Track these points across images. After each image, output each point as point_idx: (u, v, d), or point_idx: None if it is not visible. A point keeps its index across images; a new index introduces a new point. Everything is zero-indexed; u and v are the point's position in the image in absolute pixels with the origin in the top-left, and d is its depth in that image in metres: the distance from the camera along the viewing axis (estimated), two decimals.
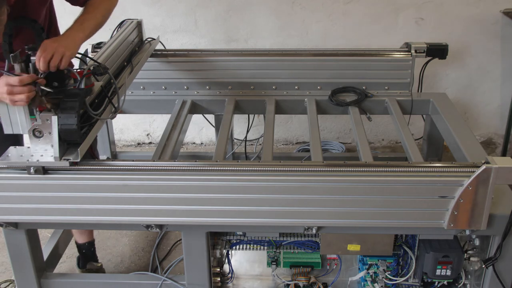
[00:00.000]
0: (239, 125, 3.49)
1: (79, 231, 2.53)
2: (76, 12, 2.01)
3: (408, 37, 2.98)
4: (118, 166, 1.77)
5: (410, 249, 2.03)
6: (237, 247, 2.14)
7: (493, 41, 3.38)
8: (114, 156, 2.93)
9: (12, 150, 1.74)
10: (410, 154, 2.10)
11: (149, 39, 2.62)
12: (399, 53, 2.61)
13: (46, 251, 2.23)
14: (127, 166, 1.77)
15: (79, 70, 1.80)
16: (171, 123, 2.37)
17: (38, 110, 1.67)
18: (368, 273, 2.10)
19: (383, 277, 2.09)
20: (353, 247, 1.97)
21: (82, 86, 1.76)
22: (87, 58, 1.90)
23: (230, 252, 2.19)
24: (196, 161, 1.78)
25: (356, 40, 3.36)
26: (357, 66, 2.61)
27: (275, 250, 2.13)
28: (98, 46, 2.53)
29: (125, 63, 2.28)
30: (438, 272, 1.94)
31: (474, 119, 3.64)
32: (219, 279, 2.13)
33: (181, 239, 1.97)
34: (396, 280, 2.09)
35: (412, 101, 2.57)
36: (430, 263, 1.93)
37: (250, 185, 1.73)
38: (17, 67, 1.64)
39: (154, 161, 1.84)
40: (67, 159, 1.66)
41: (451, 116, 2.37)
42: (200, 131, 3.81)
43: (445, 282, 2.06)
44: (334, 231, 1.92)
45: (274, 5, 3.34)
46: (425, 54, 2.59)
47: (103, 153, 2.86)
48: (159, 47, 2.71)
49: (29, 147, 1.70)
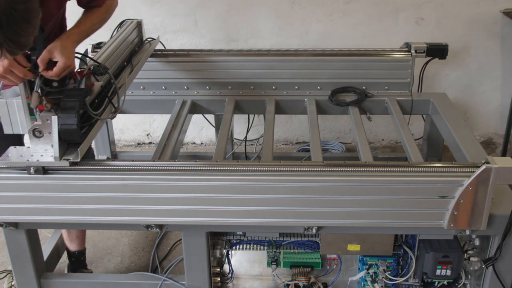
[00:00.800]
0: (239, 125, 3.49)
1: (69, 238, 2.46)
2: (78, 13, 2.02)
3: (408, 37, 2.97)
4: (118, 166, 1.77)
5: (410, 249, 2.03)
6: (237, 247, 2.14)
7: (493, 41, 3.37)
8: (114, 156, 2.93)
9: (12, 150, 1.73)
10: (410, 154, 2.10)
11: (149, 39, 2.62)
12: (399, 53, 2.61)
13: (46, 251, 2.24)
14: (127, 166, 1.77)
15: (79, 70, 1.80)
16: (171, 123, 2.37)
17: (38, 110, 1.67)
18: (368, 273, 2.10)
19: (383, 277, 2.09)
20: (353, 247, 1.97)
21: (82, 86, 1.76)
22: (87, 58, 1.90)
23: (230, 252, 2.19)
24: (196, 161, 1.78)
25: (356, 40, 3.36)
26: (357, 66, 2.61)
27: (275, 250, 2.13)
28: (98, 46, 2.53)
29: (125, 63, 2.28)
30: (438, 272, 1.94)
31: (474, 119, 3.64)
32: (219, 279, 2.13)
33: (181, 239, 1.97)
34: (396, 280, 2.09)
35: (412, 101, 2.57)
36: (430, 263, 1.93)
37: (250, 185, 1.73)
38: None
39: (154, 161, 1.84)
40: (67, 159, 1.66)
41: (451, 116, 2.37)
42: (200, 131, 3.81)
43: (445, 282, 2.06)
44: (334, 231, 1.92)
45: (274, 5, 3.34)
46: (425, 54, 2.59)
47: (103, 153, 2.86)
48: (159, 47, 2.71)
49: (29, 147, 1.70)
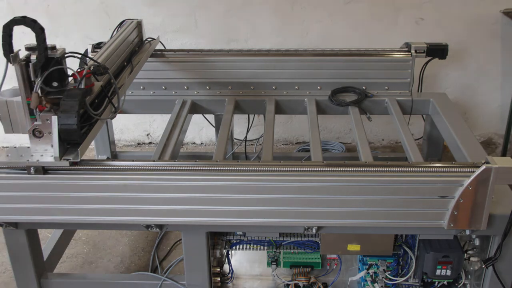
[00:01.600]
0: (239, 125, 3.49)
1: None
2: (77, 13, 2.02)
3: (408, 37, 2.97)
4: (118, 166, 1.77)
5: (410, 249, 2.03)
6: (237, 247, 2.14)
7: (493, 41, 3.37)
8: (114, 156, 2.93)
9: (12, 150, 1.73)
10: (410, 154, 2.10)
11: (149, 39, 2.62)
12: (399, 53, 2.62)
13: (46, 251, 2.23)
14: (127, 166, 1.77)
15: (79, 70, 1.80)
16: (171, 123, 2.37)
17: (38, 110, 1.67)
18: (368, 273, 2.10)
19: (383, 277, 2.09)
20: (353, 247, 1.97)
21: (82, 86, 1.76)
22: (87, 58, 1.90)
23: (230, 252, 2.19)
24: (196, 161, 1.78)
25: (356, 40, 3.36)
26: (357, 66, 2.61)
27: (275, 250, 2.13)
28: (98, 46, 2.53)
29: (125, 63, 2.28)
30: (438, 272, 1.94)
31: (474, 119, 3.64)
32: (219, 279, 2.13)
33: (181, 239, 1.97)
34: (396, 280, 2.09)
35: (412, 101, 2.57)
36: (430, 263, 1.93)
37: (250, 185, 1.73)
38: (17, 67, 1.64)
39: (154, 161, 1.84)
40: (67, 159, 1.66)
41: (451, 116, 2.37)
42: (200, 131, 3.81)
43: (445, 282, 2.06)
44: (334, 231, 1.92)
45: (274, 5, 3.33)
46: (425, 54, 2.59)
47: (103, 153, 2.86)
48: (159, 47, 2.71)
49: (29, 147, 1.70)
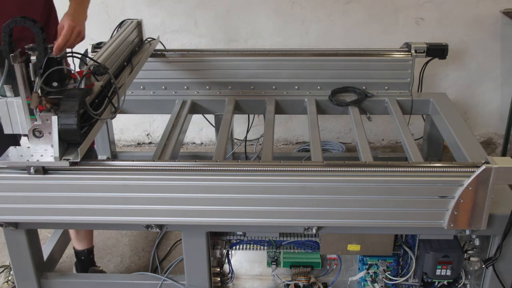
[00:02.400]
0: (239, 125, 3.49)
1: (77, 237, 2.47)
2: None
3: (408, 37, 2.98)
4: (118, 166, 1.77)
5: (410, 249, 2.03)
6: (237, 247, 2.14)
7: (493, 41, 3.38)
8: (114, 156, 2.93)
9: (12, 150, 1.73)
10: (410, 154, 2.10)
11: (149, 39, 2.62)
12: (399, 53, 2.61)
13: (46, 251, 2.23)
14: (127, 166, 1.77)
15: (79, 70, 1.80)
16: (171, 123, 2.37)
17: (38, 110, 1.67)
18: (368, 273, 2.10)
19: (383, 277, 2.09)
20: (353, 247, 1.97)
21: (82, 86, 1.76)
22: (87, 58, 1.90)
23: (230, 252, 2.19)
24: (196, 161, 1.78)
25: (356, 40, 3.36)
26: (357, 66, 2.61)
27: (275, 250, 2.13)
28: (98, 46, 2.53)
29: (125, 63, 2.28)
30: (438, 272, 1.94)
31: (474, 119, 3.64)
32: (219, 279, 2.13)
33: (181, 239, 1.97)
34: (396, 280, 2.09)
35: (412, 101, 2.57)
36: (430, 263, 1.93)
37: (250, 185, 1.73)
38: (17, 67, 1.64)
39: (154, 161, 1.84)
40: (67, 159, 1.66)
41: (451, 116, 2.37)
42: (200, 131, 3.81)
43: (445, 282, 2.06)
44: (334, 231, 1.92)
45: (274, 5, 3.34)
46: (425, 54, 2.59)
47: (103, 153, 2.86)
48: (159, 47, 2.71)
49: (29, 147, 1.70)
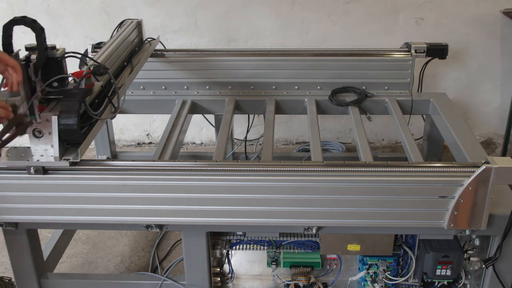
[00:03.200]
0: (239, 125, 3.49)
1: None
2: (77, 13, 2.02)
3: (408, 37, 2.97)
4: (118, 166, 1.77)
5: (410, 249, 2.03)
6: (237, 247, 2.14)
7: (493, 41, 3.37)
8: (114, 156, 2.93)
9: (12, 150, 1.73)
10: (410, 154, 2.10)
11: (149, 39, 2.62)
12: (399, 53, 2.62)
13: (46, 251, 2.23)
14: (127, 166, 1.77)
15: (79, 70, 1.80)
16: (171, 123, 2.37)
17: (38, 110, 1.67)
18: (368, 273, 2.10)
19: (383, 277, 2.09)
20: (353, 247, 1.97)
21: (82, 86, 1.76)
22: (86, 58, 1.90)
23: (230, 252, 2.18)
24: (196, 161, 1.78)
25: (356, 40, 3.36)
26: (357, 66, 2.61)
27: (275, 250, 2.13)
28: (98, 46, 2.53)
29: (125, 63, 2.28)
30: (438, 272, 1.94)
31: (474, 119, 3.64)
32: (219, 279, 2.13)
33: (181, 239, 1.97)
34: (396, 280, 2.09)
35: (412, 101, 2.57)
36: (430, 263, 1.93)
37: (250, 185, 1.73)
38: None
39: (154, 161, 1.84)
40: (67, 159, 1.66)
41: (451, 116, 2.37)
42: (200, 131, 3.81)
43: (445, 282, 2.06)
44: (334, 231, 1.92)
45: (274, 5, 3.33)
46: (425, 54, 2.59)
47: (103, 153, 2.86)
48: (159, 47, 2.71)
49: (29, 147, 1.70)
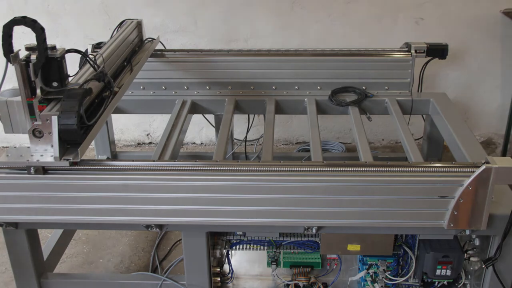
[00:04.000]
0: (239, 125, 3.48)
1: None
2: (77, 13, 2.01)
3: (408, 37, 2.97)
4: (118, 166, 1.77)
5: (410, 249, 2.03)
6: (237, 247, 2.14)
7: (493, 41, 3.37)
8: (114, 156, 2.93)
9: (12, 150, 1.74)
10: (410, 154, 2.10)
11: (149, 39, 2.62)
12: (399, 53, 2.62)
13: (46, 251, 2.23)
14: (127, 166, 1.77)
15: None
16: (171, 123, 2.37)
17: (38, 110, 1.67)
18: (368, 273, 2.10)
19: (383, 277, 2.09)
20: (353, 247, 1.97)
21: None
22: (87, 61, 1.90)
23: (230, 252, 2.18)
24: (196, 161, 1.78)
25: (356, 40, 3.36)
26: (357, 66, 2.61)
27: (275, 250, 2.13)
28: (98, 46, 2.53)
29: (125, 63, 2.28)
30: (438, 272, 1.94)
31: (474, 119, 3.64)
32: (219, 279, 2.13)
33: (181, 239, 1.97)
34: (396, 280, 2.09)
35: (412, 101, 2.57)
36: (430, 263, 1.93)
37: (250, 185, 1.73)
38: (17, 67, 1.64)
39: (154, 161, 1.84)
40: (67, 159, 1.67)
41: (451, 116, 2.37)
42: (200, 131, 3.81)
43: (445, 282, 2.06)
44: (334, 231, 1.92)
45: (274, 5, 3.33)
46: (425, 54, 2.59)
47: (103, 153, 2.86)
48: (159, 47, 2.71)
49: (29, 147, 1.70)
